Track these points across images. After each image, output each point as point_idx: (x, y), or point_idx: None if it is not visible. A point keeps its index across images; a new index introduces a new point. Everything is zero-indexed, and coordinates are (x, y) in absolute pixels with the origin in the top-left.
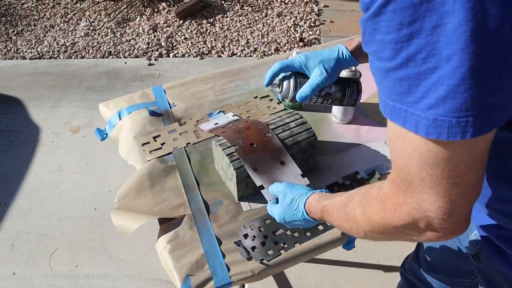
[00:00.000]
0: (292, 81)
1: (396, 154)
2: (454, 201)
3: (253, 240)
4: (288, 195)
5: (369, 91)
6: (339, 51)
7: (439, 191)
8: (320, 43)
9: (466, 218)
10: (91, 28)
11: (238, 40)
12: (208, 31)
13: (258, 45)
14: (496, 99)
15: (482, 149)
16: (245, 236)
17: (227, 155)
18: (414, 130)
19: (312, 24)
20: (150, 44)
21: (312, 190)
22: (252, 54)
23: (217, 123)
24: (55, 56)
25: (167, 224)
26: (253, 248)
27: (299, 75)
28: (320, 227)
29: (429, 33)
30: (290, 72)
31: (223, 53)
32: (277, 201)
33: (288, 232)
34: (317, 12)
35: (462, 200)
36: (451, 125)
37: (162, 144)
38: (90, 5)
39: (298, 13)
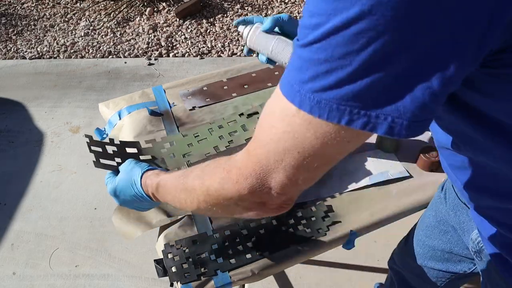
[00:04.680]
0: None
1: (265, 130)
2: (298, 185)
3: (174, 260)
4: (129, 167)
5: None
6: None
7: (290, 173)
8: None
9: (294, 199)
10: (91, 28)
11: (238, 40)
12: (208, 30)
13: None
14: (379, 101)
15: (348, 150)
16: (168, 254)
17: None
18: (297, 105)
19: None
20: (150, 44)
21: (154, 167)
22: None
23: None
24: (55, 56)
25: (167, 224)
26: (172, 268)
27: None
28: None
29: (330, 31)
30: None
31: (223, 53)
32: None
33: (212, 257)
34: None
35: (303, 186)
36: (331, 109)
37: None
38: (90, 5)
39: (298, 13)
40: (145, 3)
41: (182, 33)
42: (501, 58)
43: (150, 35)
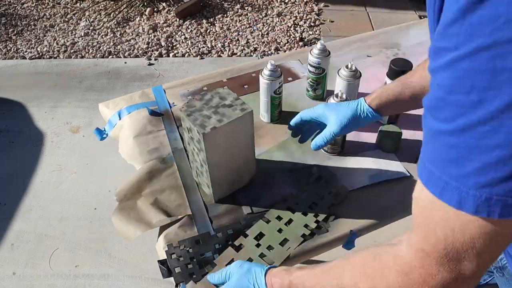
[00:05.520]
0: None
1: (435, 222)
2: (488, 264)
3: (178, 260)
4: (242, 269)
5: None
6: (358, 107)
7: (483, 259)
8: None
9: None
10: (91, 28)
11: (238, 40)
12: (208, 31)
13: (258, 45)
14: None
15: None
16: (172, 255)
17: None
18: (456, 206)
19: (312, 24)
20: (150, 44)
21: (267, 266)
22: (252, 54)
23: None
24: (55, 56)
25: (167, 224)
26: (176, 268)
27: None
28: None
29: (502, 108)
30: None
31: (223, 53)
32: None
33: (216, 257)
34: (317, 12)
35: (494, 260)
36: (505, 204)
37: None
38: (90, 5)
39: (298, 13)
40: (145, 3)
41: (182, 33)
42: None
43: (150, 35)
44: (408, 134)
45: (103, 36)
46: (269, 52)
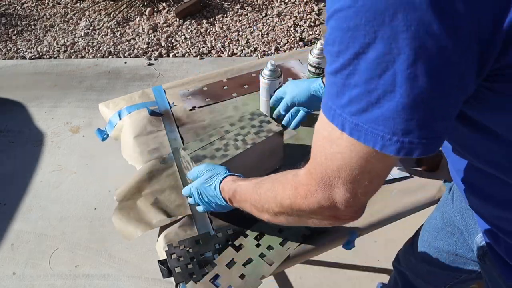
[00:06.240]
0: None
1: (319, 150)
2: (359, 197)
3: (179, 260)
4: (208, 173)
5: None
6: (314, 84)
7: (349, 188)
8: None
9: (363, 208)
10: (91, 28)
11: (238, 40)
12: (208, 31)
13: (258, 45)
14: (407, 126)
15: (394, 161)
16: (172, 255)
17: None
18: (340, 128)
19: (312, 24)
20: (150, 44)
21: (231, 172)
22: (252, 54)
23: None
24: (55, 56)
25: (167, 224)
26: (176, 268)
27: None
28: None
29: (352, 57)
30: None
31: (223, 53)
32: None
33: (216, 257)
34: (317, 12)
35: (365, 197)
36: (366, 132)
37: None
38: (90, 5)
39: (298, 13)
40: (145, 3)
41: (182, 33)
42: (504, 74)
43: (150, 35)
44: None
45: (103, 36)
46: (269, 52)
